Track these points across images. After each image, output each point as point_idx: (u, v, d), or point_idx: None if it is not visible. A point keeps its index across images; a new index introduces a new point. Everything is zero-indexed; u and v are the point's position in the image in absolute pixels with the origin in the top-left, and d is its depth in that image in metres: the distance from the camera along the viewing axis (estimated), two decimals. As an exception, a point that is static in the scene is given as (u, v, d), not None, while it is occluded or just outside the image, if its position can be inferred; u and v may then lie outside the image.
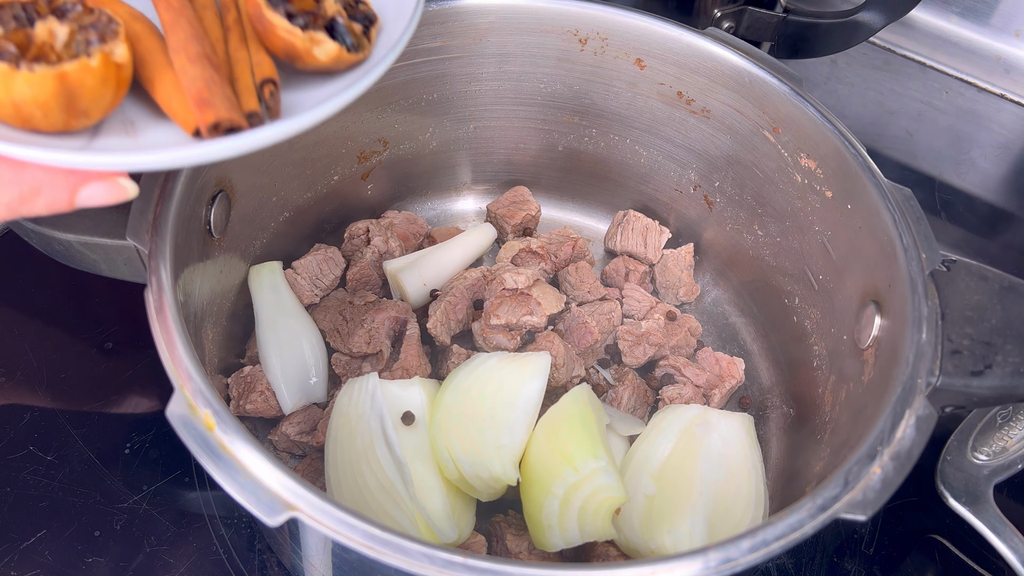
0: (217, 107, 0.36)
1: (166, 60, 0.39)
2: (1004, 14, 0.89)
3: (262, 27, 0.40)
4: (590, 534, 0.50)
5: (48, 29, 0.35)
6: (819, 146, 0.56)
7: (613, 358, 0.65)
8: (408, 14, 0.43)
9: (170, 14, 0.39)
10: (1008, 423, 0.58)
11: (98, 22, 0.36)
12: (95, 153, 0.34)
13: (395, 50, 0.41)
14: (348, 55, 0.40)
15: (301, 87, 0.41)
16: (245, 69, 0.40)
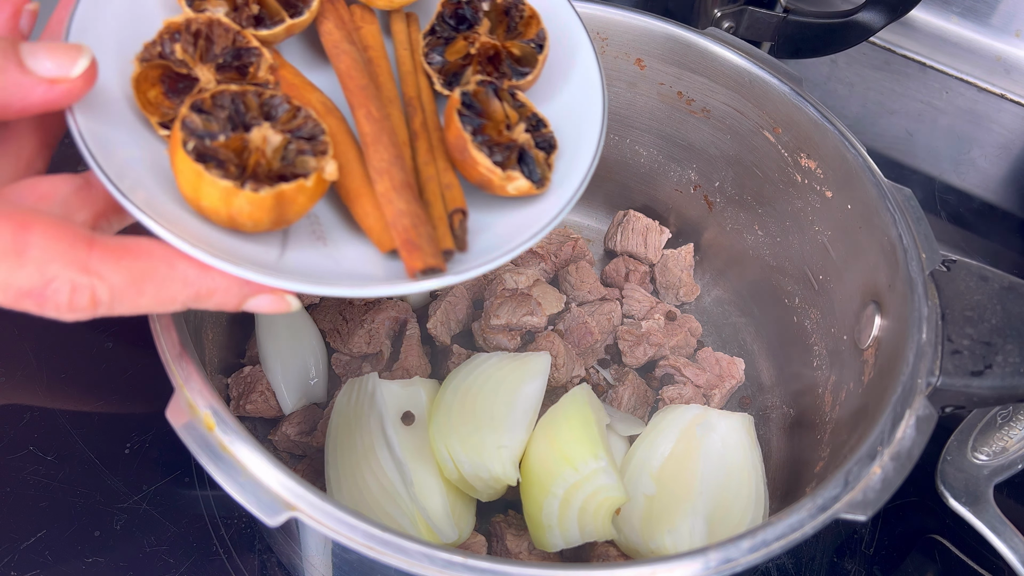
0: (425, 253, 0.36)
1: (363, 172, 0.39)
2: (1004, 14, 0.89)
3: (462, 158, 0.40)
4: (590, 534, 0.50)
5: (263, 136, 0.35)
6: (819, 146, 0.56)
7: (613, 358, 0.65)
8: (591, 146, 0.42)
9: (371, 126, 0.39)
10: (1008, 423, 0.58)
11: (304, 127, 0.36)
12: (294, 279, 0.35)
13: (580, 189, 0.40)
14: (534, 191, 0.40)
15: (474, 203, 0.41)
16: (436, 193, 0.39)
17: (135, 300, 0.32)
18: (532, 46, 0.43)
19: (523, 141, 0.40)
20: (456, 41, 0.44)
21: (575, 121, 0.44)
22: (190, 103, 0.35)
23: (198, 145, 0.34)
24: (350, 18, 0.44)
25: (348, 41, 0.42)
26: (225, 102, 0.36)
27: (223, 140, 0.35)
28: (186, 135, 0.34)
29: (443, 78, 0.43)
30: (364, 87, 0.40)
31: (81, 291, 0.31)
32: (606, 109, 0.44)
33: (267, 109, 0.36)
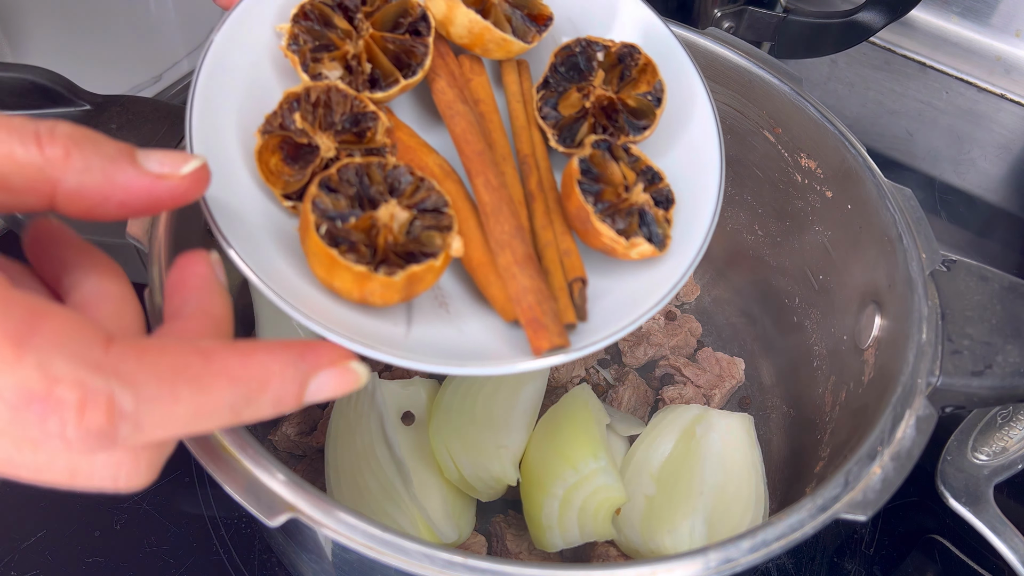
0: (550, 332, 0.36)
1: (483, 239, 0.39)
2: (1004, 14, 0.89)
3: (585, 229, 0.39)
4: (590, 534, 0.50)
5: (390, 214, 0.35)
6: (819, 146, 0.55)
7: (613, 358, 0.65)
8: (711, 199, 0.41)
9: (490, 195, 0.39)
10: (1008, 423, 0.58)
11: (428, 199, 0.36)
12: (426, 358, 0.34)
13: (702, 248, 0.40)
14: (658, 253, 0.39)
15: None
16: (555, 260, 0.39)
17: (169, 409, 0.25)
18: (649, 99, 0.43)
19: (643, 202, 0.40)
20: (570, 93, 0.43)
21: (692, 172, 0.43)
22: (318, 181, 0.35)
23: (330, 228, 0.34)
24: (460, 71, 0.44)
25: (461, 100, 0.42)
26: (351, 176, 0.36)
27: (353, 222, 0.35)
28: (318, 218, 0.34)
29: (557, 133, 0.43)
30: (480, 152, 0.40)
31: (95, 399, 0.24)
32: (723, 158, 0.43)
33: (391, 181, 0.36)
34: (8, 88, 0.49)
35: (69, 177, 0.28)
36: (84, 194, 0.28)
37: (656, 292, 0.39)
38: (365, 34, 0.41)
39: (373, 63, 0.41)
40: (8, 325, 0.23)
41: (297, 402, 0.28)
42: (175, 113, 0.51)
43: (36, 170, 0.27)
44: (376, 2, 0.42)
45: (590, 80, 0.43)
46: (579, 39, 0.44)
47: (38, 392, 0.23)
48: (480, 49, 0.43)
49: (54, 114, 0.50)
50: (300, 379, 0.28)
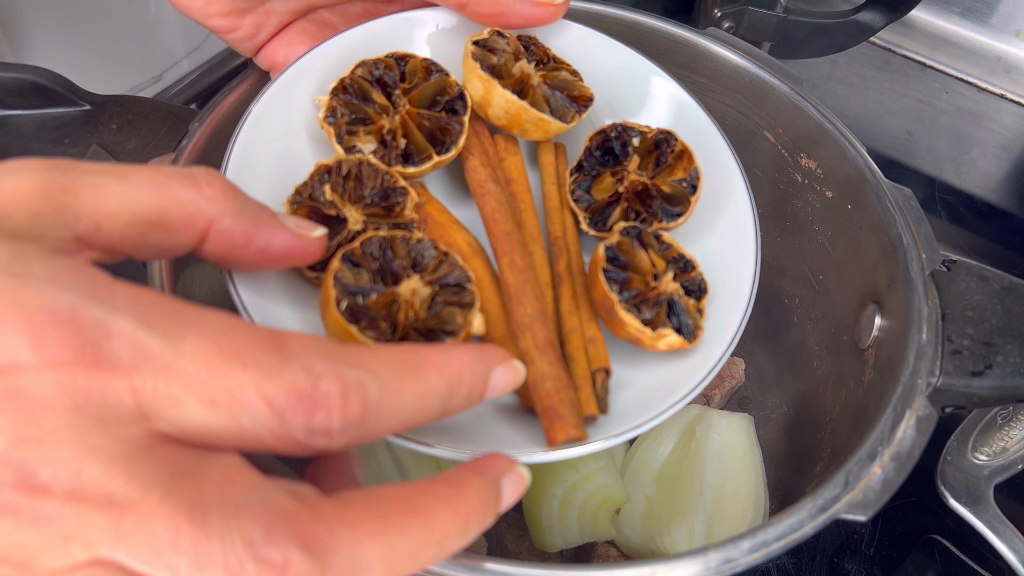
0: (567, 424, 0.35)
1: (505, 319, 0.38)
2: (1004, 14, 0.89)
3: (610, 318, 0.38)
4: (590, 534, 0.50)
5: (412, 290, 0.35)
6: (819, 146, 0.55)
7: (613, 358, 0.65)
8: (744, 293, 0.41)
9: (515, 276, 0.38)
10: (1008, 423, 0.58)
11: (451, 275, 0.36)
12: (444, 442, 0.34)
13: (733, 343, 0.39)
14: (687, 345, 0.38)
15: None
16: (579, 347, 0.38)
17: (401, 399, 0.27)
18: (684, 186, 0.42)
19: (672, 291, 0.39)
20: (604, 177, 0.43)
21: (726, 260, 0.42)
22: (341, 255, 0.35)
23: (351, 304, 0.34)
24: (494, 151, 0.43)
25: (493, 180, 0.41)
26: (374, 250, 0.36)
27: (374, 298, 0.34)
28: (339, 293, 0.34)
29: (589, 216, 0.43)
30: (508, 233, 0.39)
31: (354, 390, 0.25)
32: (759, 247, 0.42)
33: (415, 255, 0.36)
34: (8, 88, 0.49)
35: (225, 217, 0.30)
36: (233, 236, 0.30)
37: (683, 385, 0.38)
38: (402, 110, 0.41)
39: (408, 139, 0.41)
40: (264, 340, 0.25)
41: (482, 396, 0.30)
42: (175, 113, 0.51)
43: (194, 207, 0.29)
44: (415, 79, 0.42)
45: (625, 165, 0.43)
46: (615, 124, 0.44)
47: (307, 389, 0.24)
48: (518, 130, 0.43)
49: (54, 114, 0.50)
50: (485, 373, 0.30)
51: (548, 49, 0.45)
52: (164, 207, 0.28)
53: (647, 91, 0.48)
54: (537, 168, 0.45)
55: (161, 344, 0.23)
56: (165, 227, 0.29)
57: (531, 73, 0.43)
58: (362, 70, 0.41)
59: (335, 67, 0.43)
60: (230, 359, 0.24)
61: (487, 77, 0.41)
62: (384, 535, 0.25)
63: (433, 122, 0.41)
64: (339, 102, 0.40)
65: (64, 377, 0.23)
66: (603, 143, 0.44)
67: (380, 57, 0.42)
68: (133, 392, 0.23)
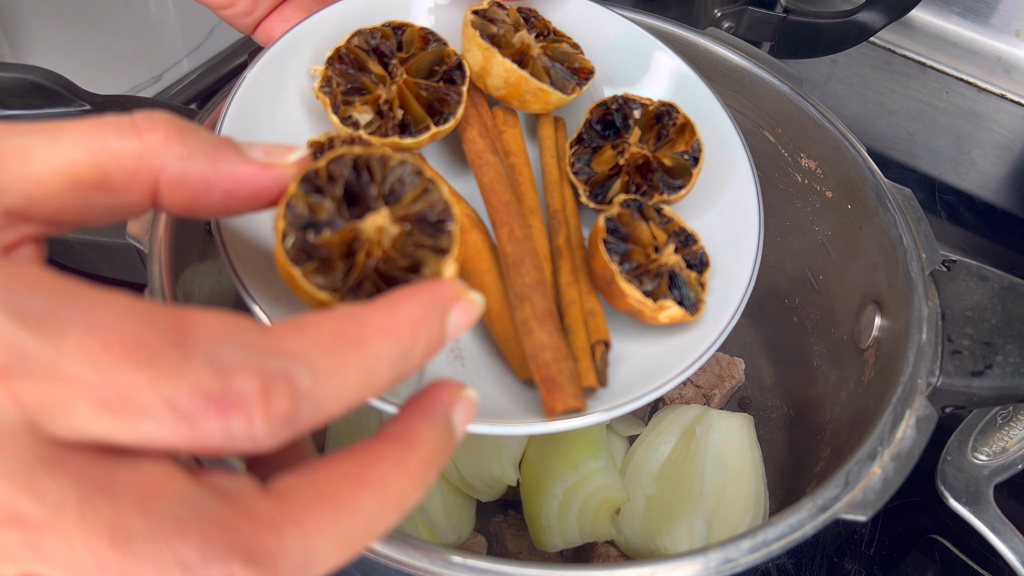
0: (565, 394, 0.34)
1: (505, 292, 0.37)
2: (1004, 14, 0.89)
3: (609, 289, 0.38)
4: (590, 534, 0.50)
5: (377, 227, 0.29)
6: (819, 146, 0.55)
7: (613, 358, 0.65)
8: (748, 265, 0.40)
9: (513, 247, 0.37)
10: (1008, 423, 0.58)
11: (432, 209, 0.30)
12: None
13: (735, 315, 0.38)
14: (688, 318, 0.38)
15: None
16: (578, 319, 0.37)
17: (341, 380, 0.23)
18: (686, 158, 0.41)
19: (673, 263, 0.38)
20: (604, 150, 0.42)
21: (729, 236, 0.42)
22: (301, 177, 0.28)
23: (299, 240, 0.28)
24: (493, 123, 0.43)
25: (491, 151, 0.41)
26: (344, 171, 0.29)
27: (328, 235, 0.29)
28: (286, 226, 0.28)
29: (589, 189, 0.42)
30: (507, 203, 0.39)
31: (276, 383, 0.21)
32: (763, 222, 0.41)
33: (393, 180, 0.30)
34: (8, 88, 0.49)
35: (172, 164, 0.25)
36: (187, 183, 0.26)
37: (684, 359, 0.37)
38: (399, 80, 0.40)
39: (405, 109, 0.40)
40: (161, 330, 0.21)
41: (442, 342, 0.26)
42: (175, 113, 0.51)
43: (136, 160, 0.25)
44: (412, 49, 0.41)
45: (625, 138, 0.42)
46: (616, 96, 0.43)
47: (215, 391, 0.21)
48: (517, 101, 0.42)
49: (54, 114, 0.50)
50: (440, 319, 0.26)
51: (548, 22, 0.44)
52: (100, 164, 0.24)
53: (648, 65, 0.47)
54: (536, 142, 0.45)
55: (39, 343, 0.20)
56: (107, 187, 0.25)
57: (531, 44, 0.42)
58: (358, 39, 0.40)
59: (331, 37, 0.42)
60: (119, 357, 0.20)
61: (487, 46, 0.40)
62: (336, 521, 0.22)
63: (431, 92, 0.40)
64: (335, 72, 0.39)
65: None
66: (604, 116, 0.43)
67: (377, 26, 0.41)
68: (14, 399, 0.20)
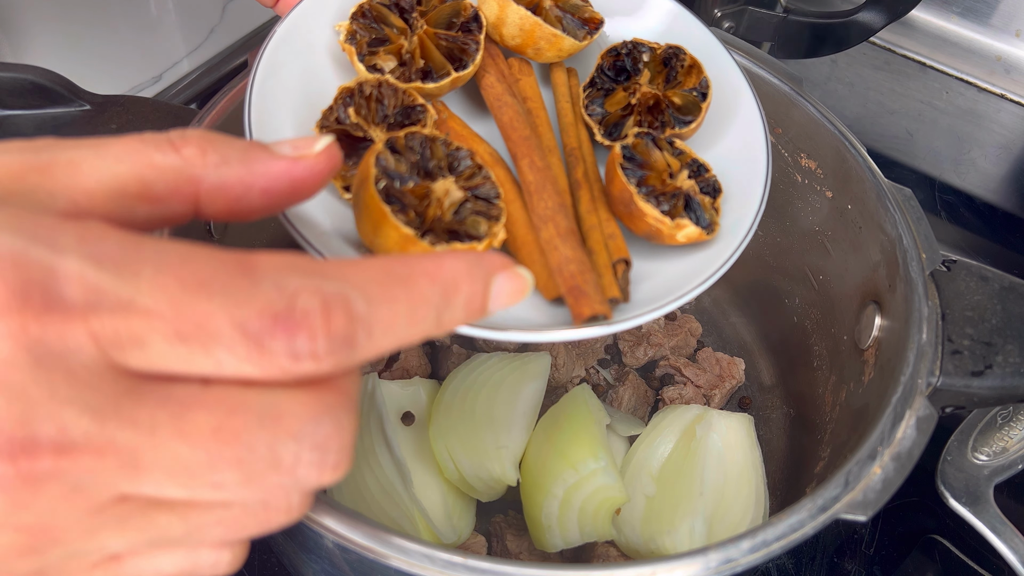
0: (592, 300, 0.36)
1: (528, 220, 0.39)
2: (1004, 14, 0.89)
3: (628, 211, 0.39)
4: (590, 535, 0.50)
5: (446, 189, 0.36)
6: (819, 146, 0.55)
7: (613, 358, 0.65)
8: (758, 189, 0.42)
9: (535, 175, 0.40)
10: (1008, 423, 0.58)
11: (483, 187, 0.37)
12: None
13: (749, 233, 0.40)
14: (704, 236, 0.40)
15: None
16: (599, 242, 0.39)
17: (391, 311, 0.24)
18: (694, 94, 0.43)
19: (688, 188, 0.40)
20: (616, 92, 0.44)
21: (739, 166, 0.44)
22: (385, 140, 0.35)
23: (388, 186, 0.34)
24: (509, 71, 0.45)
25: (509, 94, 0.43)
26: (416, 144, 0.36)
27: (411, 186, 0.35)
28: (379, 173, 0.34)
29: (603, 129, 0.44)
30: (527, 138, 0.41)
31: (336, 304, 0.23)
32: (770, 151, 0.43)
33: (452, 160, 0.37)
34: (8, 88, 0.49)
35: (209, 173, 0.27)
36: (226, 188, 0.28)
37: (703, 272, 0.39)
38: (419, 31, 0.42)
39: (426, 58, 0.42)
40: (230, 264, 0.23)
41: (483, 307, 0.27)
42: (175, 113, 0.51)
43: (176, 172, 0.27)
44: (431, 2, 0.43)
45: (636, 80, 0.44)
46: (626, 42, 0.45)
47: (281, 310, 0.22)
48: (532, 50, 0.44)
49: (54, 114, 0.50)
50: (484, 280, 0.27)
51: None
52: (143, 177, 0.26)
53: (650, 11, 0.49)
54: (551, 90, 0.47)
55: (115, 281, 0.22)
56: (150, 198, 0.27)
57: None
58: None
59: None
60: (193, 289, 0.22)
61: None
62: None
63: (450, 41, 0.43)
64: (359, 25, 0.42)
65: (15, 328, 0.21)
66: (615, 61, 0.45)
67: None
68: (92, 336, 0.21)
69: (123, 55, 0.79)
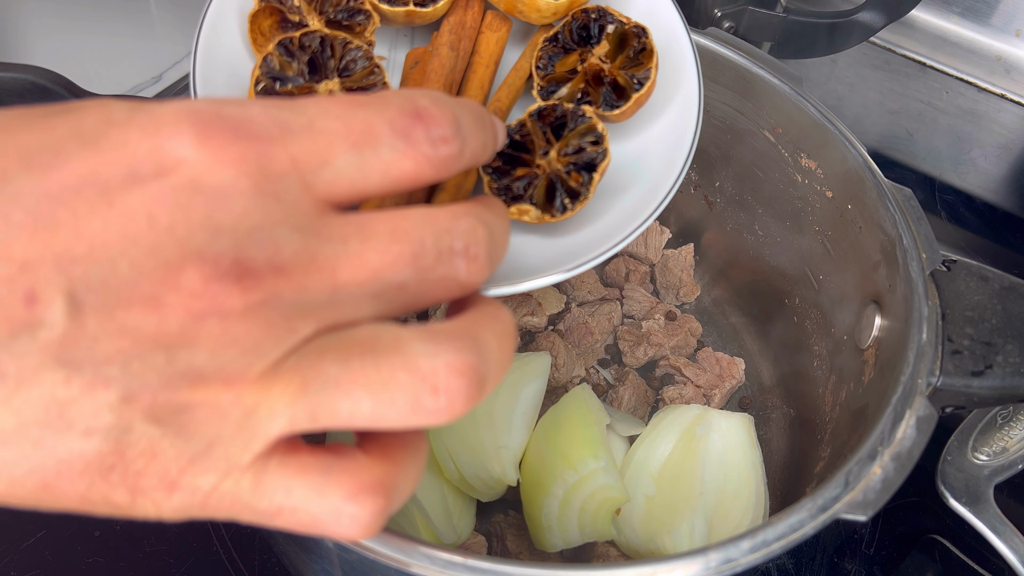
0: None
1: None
2: (1004, 14, 0.89)
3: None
4: (590, 535, 0.50)
5: (328, 91, 0.36)
6: (819, 146, 0.55)
7: (613, 358, 0.65)
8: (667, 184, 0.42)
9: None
10: (1008, 423, 0.58)
11: (374, 87, 0.37)
12: None
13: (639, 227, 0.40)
14: (548, 219, 0.39)
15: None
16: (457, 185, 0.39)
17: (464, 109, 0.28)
18: (635, 82, 0.42)
19: (554, 169, 0.39)
20: (572, 55, 0.44)
21: (657, 158, 0.43)
22: (278, 40, 0.35)
23: (268, 87, 0.35)
24: (474, 22, 0.44)
25: (450, 47, 0.42)
26: (313, 43, 0.36)
27: (291, 87, 0.35)
28: (261, 74, 0.35)
29: (543, 84, 0.43)
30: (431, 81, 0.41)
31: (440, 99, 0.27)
32: (690, 159, 0.43)
33: (347, 61, 0.37)
34: (8, 88, 0.49)
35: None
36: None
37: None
38: None
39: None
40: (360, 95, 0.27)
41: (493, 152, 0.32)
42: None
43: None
44: None
45: (591, 48, 0.43)
46: (599, 7, 0.44)
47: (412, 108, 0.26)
48: (515, 11, 0.43)
49: (54, 114, 0.50)
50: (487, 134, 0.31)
51: None
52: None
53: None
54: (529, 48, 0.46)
55: (294, 115, 0.25)
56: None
57: None
58: None
59: None
60: (350, 106, 0.26)
61: None
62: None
63: None
64: None
65: (235, 156, 0.23)
66: (584, 23, 0.44)
67: None
68: (292, 161, 0.24)
69: (123, 55, 0.79)
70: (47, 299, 0.21)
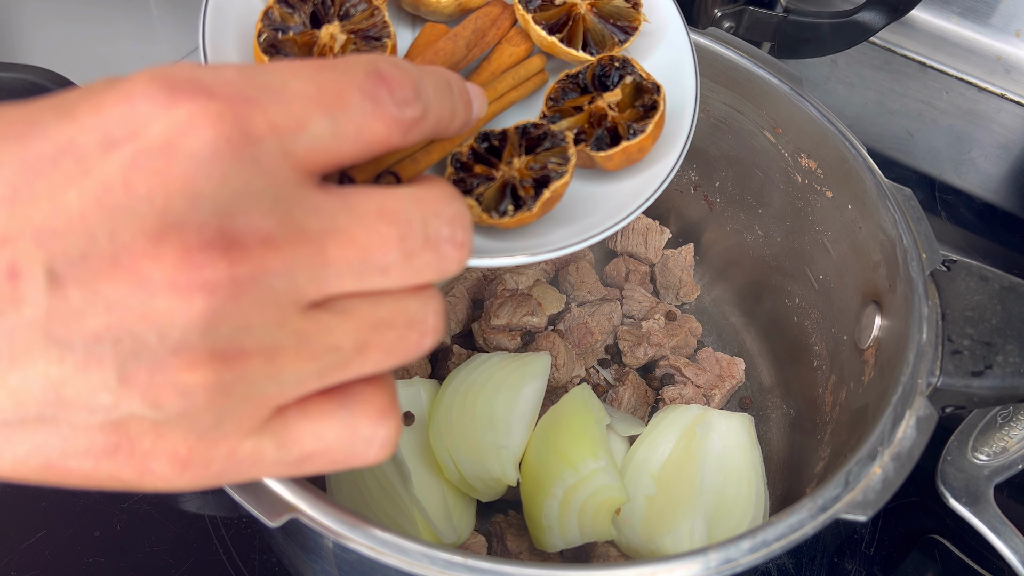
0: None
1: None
2: (1004, 14, 0.89)
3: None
4: (590, 535, 0.50)
5: (330, 34, 0.37)
6: (819, 146, 0.56)
7: (613, 358, 0.65)
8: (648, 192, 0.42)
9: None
10: (1008, 423, 0.58)
11: (373, 28, 0.38)
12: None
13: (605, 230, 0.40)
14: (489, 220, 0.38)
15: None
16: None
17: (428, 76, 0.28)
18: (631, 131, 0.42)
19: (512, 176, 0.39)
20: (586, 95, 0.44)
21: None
22: None
23: (270, 36, 0.36)
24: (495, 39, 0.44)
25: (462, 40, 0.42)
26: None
27: (292, 35, 0.36)
28: (263, 26, 0.36)
29: (548, 114, 0.43)
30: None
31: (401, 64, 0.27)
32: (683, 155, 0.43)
33: (348, 7, 0.38)
34: (8, 88, 0.49)
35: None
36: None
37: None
38: None
39: None
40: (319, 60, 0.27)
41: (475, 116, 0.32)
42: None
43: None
44: None
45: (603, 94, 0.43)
46: (625, 57, 0.44)
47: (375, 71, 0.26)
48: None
49: (54, 114, 0.50)
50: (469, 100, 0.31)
51: None
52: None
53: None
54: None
55: (268, 78, 0.24)
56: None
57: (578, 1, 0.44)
58: None
59: None
60: (319, 69, 0.25)
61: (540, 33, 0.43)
62: None
63: None
64: None
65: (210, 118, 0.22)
66: (607, 70, 0.44)
67: None
68: (271, 124, 0.23)
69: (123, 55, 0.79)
70: (29, 274, 0.21)
